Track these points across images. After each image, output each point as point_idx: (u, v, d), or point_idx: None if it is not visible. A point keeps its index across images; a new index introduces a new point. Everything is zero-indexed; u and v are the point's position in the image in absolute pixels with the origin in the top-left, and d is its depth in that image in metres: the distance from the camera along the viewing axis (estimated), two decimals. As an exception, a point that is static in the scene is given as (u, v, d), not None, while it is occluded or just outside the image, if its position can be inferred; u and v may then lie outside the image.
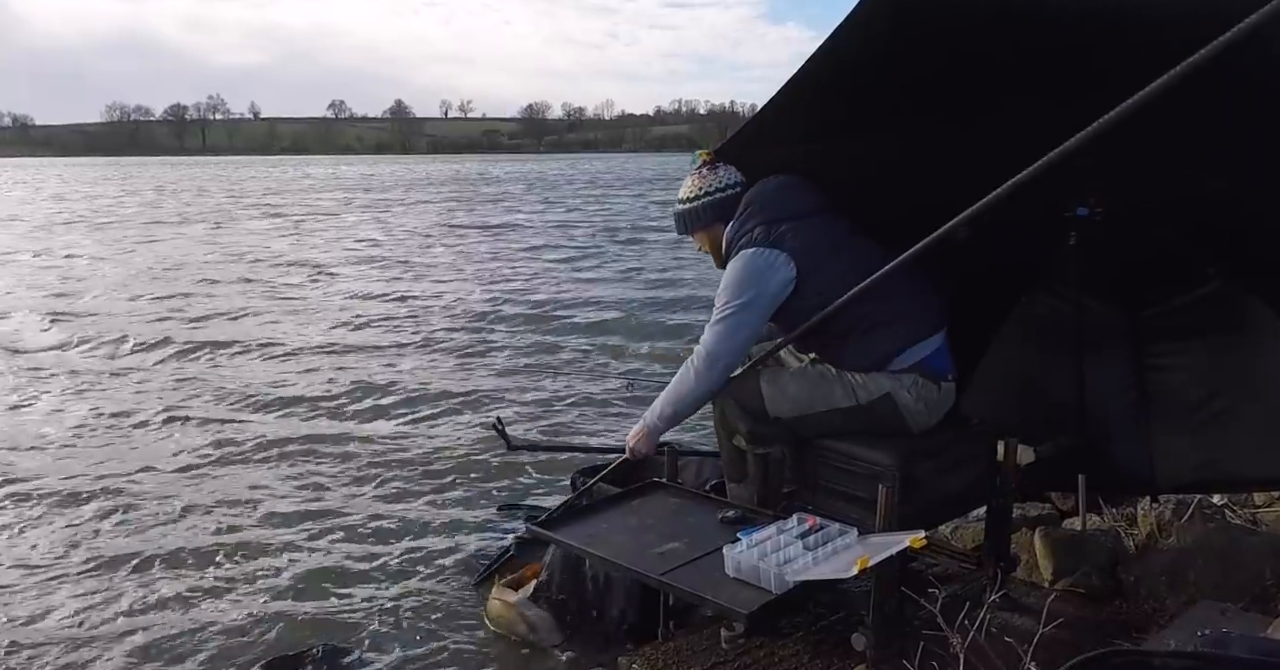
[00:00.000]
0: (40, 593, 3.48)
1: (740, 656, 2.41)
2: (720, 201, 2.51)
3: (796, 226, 2.37)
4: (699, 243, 2.63)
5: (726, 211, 2.49)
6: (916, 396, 2.34)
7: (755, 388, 2.44)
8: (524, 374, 6.98)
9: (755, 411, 2.42)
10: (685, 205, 2.58)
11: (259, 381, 6.75)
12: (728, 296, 2.36)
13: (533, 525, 2.57)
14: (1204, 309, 2.75)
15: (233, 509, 4.29)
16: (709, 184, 2.53)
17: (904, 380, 2.34)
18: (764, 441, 2.48)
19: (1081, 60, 2.08)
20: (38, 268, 13.57)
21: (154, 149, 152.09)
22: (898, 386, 2.33)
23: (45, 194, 36.80)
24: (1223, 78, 1.99)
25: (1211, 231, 2.65)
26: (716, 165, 2.57)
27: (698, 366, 2.37)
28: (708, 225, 2.55)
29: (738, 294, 2.34)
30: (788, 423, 2.41)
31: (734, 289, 2.35)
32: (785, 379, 2.45)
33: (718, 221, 2.52)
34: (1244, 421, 2.73)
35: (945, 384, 2.40)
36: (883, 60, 2.23)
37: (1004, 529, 2.62)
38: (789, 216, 2.39)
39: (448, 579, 3.52)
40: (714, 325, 2.37)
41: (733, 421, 2.48)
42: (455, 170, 63.99)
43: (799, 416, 2.39)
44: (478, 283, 11.90)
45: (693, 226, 2.59)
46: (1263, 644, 1.56)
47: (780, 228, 2.37)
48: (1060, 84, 2.21)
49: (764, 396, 2.41)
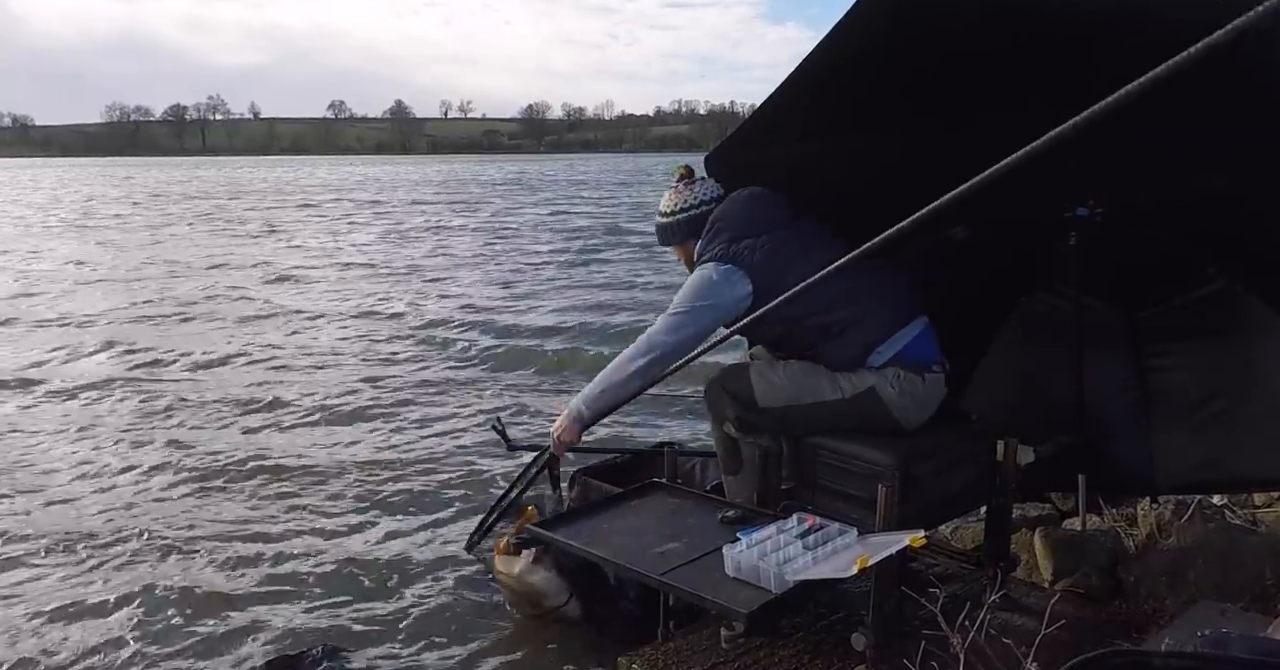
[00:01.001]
0: (40, 592, 3.48)
1: (740, 656, 2.41)
2: (694, 218, 2.57)
3: (757, 242, 2.43)
4: (677, 255, 2.69)
5: (699, 227, 2.56)
6: (900, 390, 2.35)
7: (745, 377, 2.48)
8: (524, 374, 6.98)
9: (745, 400, 2.46)
10: (663, 219, 2.65)
11: (255, 383, 6.75)
12: (681, 300, 2.43)
13: (533, 525, 2.57)
14: (1204, 309, 2.75)
15: (232, 509, 4.30)
16: (684, 200, 2.60)
17: (885, 374, 2.36)
18: (752, 430, 2.50)
19: (1082, 59, 2.08)
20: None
21: (154, 149, 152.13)
22: (880, 381, 2.36)
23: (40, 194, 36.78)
24: (1223, 76, 2.00)
25: (1211, 231, 2.65)
26: (694, 181, 2.63)
27: (635, 353, 2.43)
28: (682, 241, 2.62)
29: (691, 299, 2.42)
30: (776, 414, 2.43)
31: (688, 295, 2.43)
32: (775, 370, 2.48)
33: (690, 237, 2.59)
34: (1244, 421, 2.72)
35: (930, 375, 2.40)
36: (882, 58, 2.23)
37: (1004, 529, 2.62)
38: (753, 232, 2.45)
39: (447, 579, 3.52)
40: (662, 318, 2.44)
41: (721, 408, 2.52)
42: (452, 170, 64.00)
43: (787, 407, 2.42)
44: (475, 283, 11.91)
45: (669, 241, 2.66)
46: (1263, 644, 1.56)
47: (741, 244, 2.43)
48: (1060, 83, 2.21)
49: (754, 386, 2.44)
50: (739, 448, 2.58)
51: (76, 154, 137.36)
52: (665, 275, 12.21)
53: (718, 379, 2.55)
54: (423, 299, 10.69)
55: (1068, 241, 2.73)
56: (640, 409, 5.93)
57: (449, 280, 12.21)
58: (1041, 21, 2.02)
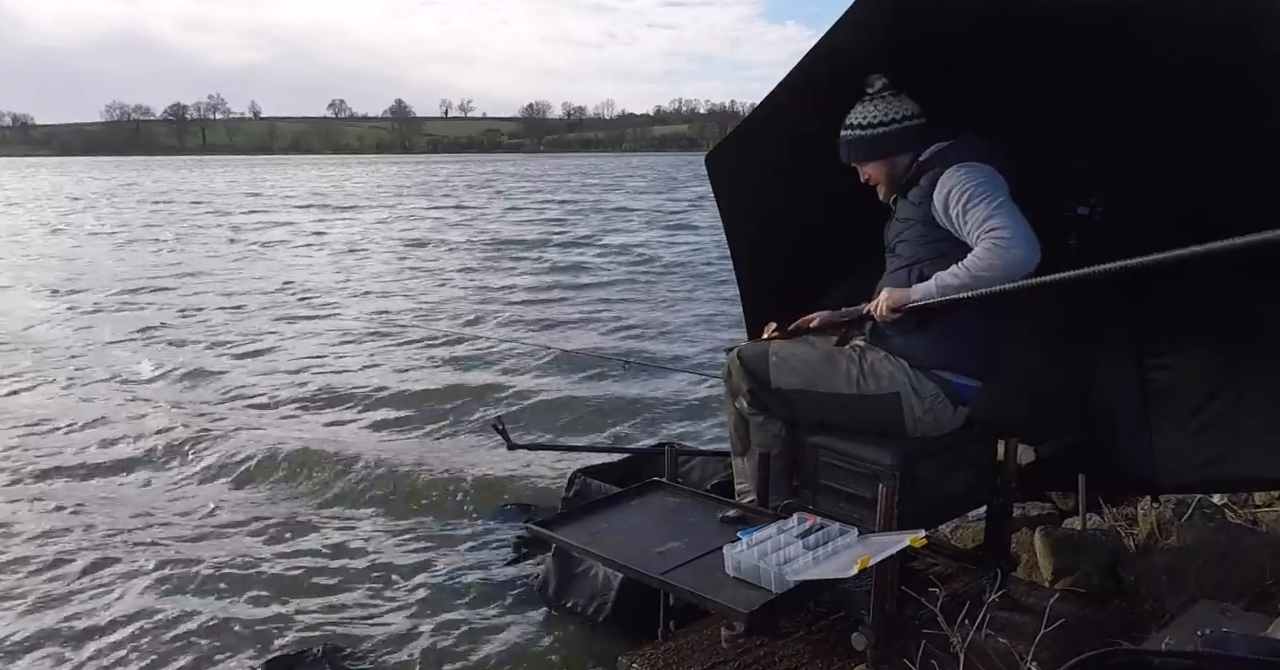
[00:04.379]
0: (40, 592, 3.48)
1: (740, 656, 2.41)
2: (905, 130, 2.33)
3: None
4: (869, 174, 2.43)
5: (912, 143, 2.33)
6: (929, 407, 2.33)
7: (764, 354, 2.44)
8: (524, 374, 6.98)
9: (760, 377, 2.42)
10: (870, 131, 2.35)
11: (250, 384, 6.75)
12: (987, 194, 2.15)
13: (533, 525, 2.57)
14: (1205, 309, 2.75)
15: (232, 511, 4.30)
16: (894, 111, 2.33)
17: (925, 386, 2.31)
18: (763, 408, 2.46)
19: (1081, 57, 2.08)
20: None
21: (154, 148, 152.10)
22: (912, 390, 2.31)
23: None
24: (1223, 75, 1.99)
25: (1212, 230, 2.64)
26: (900, 92, 2.36)
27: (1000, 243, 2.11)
28: (893, 154, 2.36)
29: (994, 192, 2.16)
30: (786, 397, 2.41)
31: (988, 189, 2.16)
32: (795, 351, 2.43)
33: (900, 151, 2.35)
34: (1245, 421, 2.72)
35: (961, 409, 2.40)
36: (880, 57, 2.23)
37: (1004, 529, 2.62)
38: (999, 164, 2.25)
39: (446, 578, 3.52)
40: (993, 217, 2.12)
41: (737, 381, 2.47)
42: (450, 170, 63.96)
43: (799, 391, 2.39)
44: (471, 284, 11.91)
45: (876, 154, 2.37)
46: (1263, 644, 1.56)
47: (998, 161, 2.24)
48: (1060, 82, 2.21)
49: (770, 364, 2.41)
50: (749, 428, 2.55)
51: (77, 153, 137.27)
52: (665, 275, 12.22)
53: (737, 351, 2.50)
54: (423, 300, 10.70)
55: (1068, 241, 2.72)
56: (640, 409, 5.94)
57: (443, 283, 12.21)
58: (1040, 21, 2.02)
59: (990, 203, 2.15)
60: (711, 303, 10.37)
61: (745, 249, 3.12)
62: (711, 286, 11.51)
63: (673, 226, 20.64)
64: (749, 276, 3.15)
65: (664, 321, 9.32)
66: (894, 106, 2.34)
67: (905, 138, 2.33)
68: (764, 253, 3.08)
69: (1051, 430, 2.94)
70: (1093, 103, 2.26)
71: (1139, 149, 2.37)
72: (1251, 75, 1.95)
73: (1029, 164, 2.53)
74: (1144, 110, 2.24)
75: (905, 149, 2.34)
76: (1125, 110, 2.27)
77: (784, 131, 2.58)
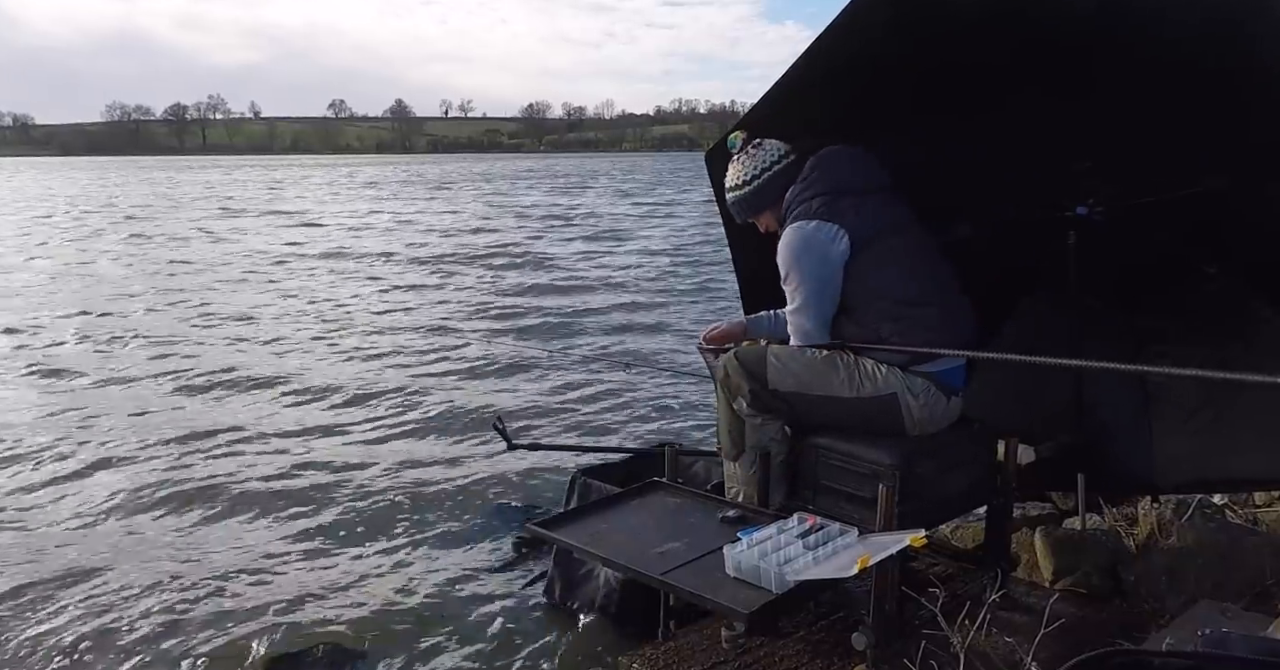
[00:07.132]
0: (40, 592, 3.48)
1: (740, 656, 2.41)
2: (772, 180, 2.43)
3: (859, 202, 2.31)
4: (764, 224, 2.53)
5: (779, 190, 2.42)
6: (924, 403, 2.34)
7: (762, 357, 2.44)
8: (524, 374, 6.99)
9: (759, 378, 2.42)
10: (737, 193, 2.50)
11: (250, 383, 6.76)
12: (795, 280, 2.34)
13: (533, 525, 2.57)
14: (1204, 309, 2.75)
15: (231, 512, 4.30)
16: (756, 165, 2.45)
17: (916, 384, 2.33)
18: (764, 408, 2.45)
19: (1080, 57, 2.08)
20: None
21: (155, 148, 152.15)
22: (906, 390, 2.32)
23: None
24: (1222, 75, 2.00)
25: (1211, 230, 2.64)
26: (760, 142, 2.48)
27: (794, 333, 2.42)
28: (763, 209, 2.48)
29: (801, 277, 2.32)
30: (785, 397, 2.41)
31: (796, 269, 2.32)
32: (792, 355, 2.43)
33: (772, 203, 2.45)
34: (1244, 421, 2.72)
35: (954, 399, 2.40)
36: (879, 55, 2.23)
37: (1004, 529, 2.62)
38: (853, 190, 2.33)
39: (446, 578, 3.53)
40: (792, 315, 2.40)
41: (737, 381, 2.45)
42: (448, 170, 63.97)
43: (796, 394, 2.40)
44: (468, 284, 11.91)
45: (748, 213, 2.52)
46: (1263, 644, 1.56)
47: (843, 202, 2.31)
48: (1059, 82, 2.21)
49: (768, 366, 2.41)
50: (745, 430, 2.54)
51: (77, 153, 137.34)
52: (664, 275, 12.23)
53: (735, 352, 2.50)
54: (419, 300, 10.70)
55: (1068, 241, 2.72)
56: (640, 409, 5.94)
57: (440, 284, 12.21)
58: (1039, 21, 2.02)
59: (791, 282, 2.36)
60: (712, 303, 10.39)
61: (744, 248, 3.12)
62: (713, 286, 11.53)
63: (672, 226, 20.65)
64: (748, 276, 3.15)
65: (664, 322, 9.33)
66: (758, 158, 2.45)
67: (777, 185, 2.43)
68: (764, 252, 3.07)
69: (1051, 430, 2.95)
70: (1093, 103, 2.26)
71: (1139, 149, 2.37)
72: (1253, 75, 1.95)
73: (1029, 164, 2.54)
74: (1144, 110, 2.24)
75: (776, 198, 2.44)
76: (1125, 110, 2.27)
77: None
